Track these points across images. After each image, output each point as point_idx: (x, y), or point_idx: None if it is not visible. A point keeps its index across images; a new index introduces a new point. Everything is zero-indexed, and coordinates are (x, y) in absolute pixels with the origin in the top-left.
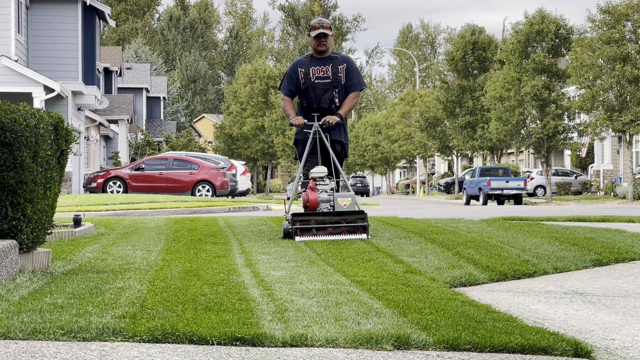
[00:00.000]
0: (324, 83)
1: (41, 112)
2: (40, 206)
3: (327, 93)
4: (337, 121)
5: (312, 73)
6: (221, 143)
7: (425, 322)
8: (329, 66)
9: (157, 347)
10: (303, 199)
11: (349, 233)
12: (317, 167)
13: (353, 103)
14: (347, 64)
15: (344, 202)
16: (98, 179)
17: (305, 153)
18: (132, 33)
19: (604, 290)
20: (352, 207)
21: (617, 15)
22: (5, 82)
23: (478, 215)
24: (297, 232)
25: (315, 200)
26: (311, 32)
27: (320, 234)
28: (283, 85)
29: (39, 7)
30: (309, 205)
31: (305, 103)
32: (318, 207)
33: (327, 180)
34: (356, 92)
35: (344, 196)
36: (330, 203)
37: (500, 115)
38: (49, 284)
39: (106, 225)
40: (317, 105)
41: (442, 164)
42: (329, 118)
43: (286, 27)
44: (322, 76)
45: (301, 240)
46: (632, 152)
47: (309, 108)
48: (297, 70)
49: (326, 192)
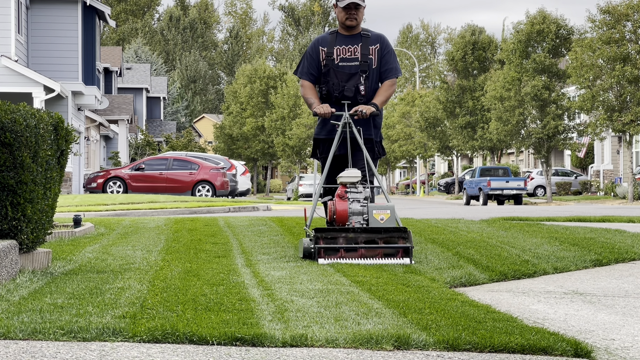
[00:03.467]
0: (350, 66)
1: (41, 112)
2: (40, 206)
3: (352, 79)
4: (373, 112)
5: (335, 53)
6: (221, 143)
7: (425, 322)
8: (358, 46)
9: (157, 347)
10: (329, 210)
11: (387, 256)
12: (348, 170)
13: (390, 92)
14: (380, 44)
15: (381, 216)
16: (98, 179)
17: (333, 150)
18: (132, 33)
19: (604, 290)
20: (391, 222)
21: (617, 16)
22: (5, 82)
23: (478, 215)
24: (320, 253)
25: (345, 212)
26: (339, 2)
27: (350, 256)
28: (301, 68)
29: (39, 7)
30: (336, 218)
31: (325, 90)
32: (348, 221)
33: (360, 187)
34: (393, 80)
35: (382, 208)
36: (363, 216)
37: (500, 115)
38: (49, 284)
39: (106, 225)
40: (339, 94)
41: (442, 164)
42: (363, 107)
43: (286, 27)
44: (348, 57)
45: (326, 263)
46: (632, 152)
47: (328, 97)
48: (318, 49)
49: (359, 202)
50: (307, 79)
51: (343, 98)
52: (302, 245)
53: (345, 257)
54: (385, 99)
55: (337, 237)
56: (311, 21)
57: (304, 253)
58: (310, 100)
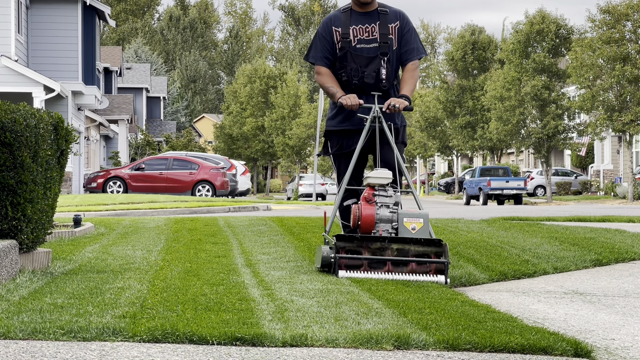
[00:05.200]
0: (369, 49)
1: (41, 112)
2: (40, 206)
3: (372, 63)
4: (406, 106)
5: (352, 34)
6: (221, 143)
7: (425, 322)
8: (376, 24)
9: (157, 347)
10: (353, 215)
11: (419, 273)
12: (377, 170)
13: (415, 78)
14: (400, 22)
15: (413, 225)
16: (98, 179)
17: (360, 144)
18: (132, 33)
19: (604, 290)
20: (424, 232)
21: (617, 15)
22: (5, 82)
23: (478, 215)
24: (341, 265)
25: (372, 217)
26: None
27: (376, 270)
28: (313, 52)
29: (39, 7)
30: (360, 225)
31: (345, 77)
32: (374, 229)
33: (389, 191)
34: (415, 62)
35: (414, 216)
36: (393, 224)
37: (501, 115)
38: (49, 284)
39: (106, 225)
40: (358, 81)
41: (442, 164)
42: (396, 101)
43: (286, 27)
44: (366, 39)
45: (347, 277)
46: (632, 152)
47: (347, 85)
48: (331, 29)
49: (388, 208)
50: (323, 64)
51: (364, 85)
52: (321, 253)
53: (370, 270)
54: (413, 87)
55: (361, 246)
56: (311, 21)
57: (322, 262)
58: (331, 89)
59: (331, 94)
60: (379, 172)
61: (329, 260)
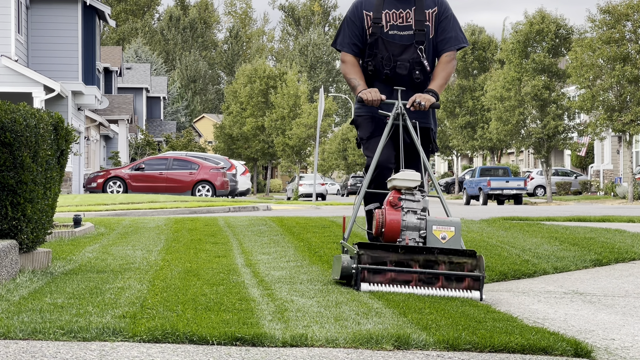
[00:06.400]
0: (402, 36)
1: (41, 112)
2: (40, 206)
3: (406, 52)
4: (433, 103)
5: (384, 19)
6: (221, 143)
7: (425, 322)
8: (411, 10)
9: (157, 347)
10: (376, 221)
11: (450, 288)
12: (404, 172)
13: (449, 71)
14: (438, 7)
15: (443, 234)
16: (98, 179)
17: (381, 145)
18: (132, 33)
19: (604, 290)
20: (456, 242)
21: (617, 15)
22: (5, 82)
23: (478, 215)
24: (364, 276)
25: (397, 224)
26: None
27: (402, 283)
28: (341, 39)
29: (39, 7)
30: (384, 232)
31: (371, 67)
32: (400, 237)
33: (417, 195)
34: (451, 53)
35: (444, 224)
36: (420, 232)
37: (500, 115)
38: (49, 284)
39: (106, 225)
40: (390, 71)
41: (442, 164)
42: (421, 98)
43: (286, 27)
44: (400, 25)
45: (369, 290)
46: (632, 152)
47: (376, 75)
48: (361, 14)
49: (415, 214)
50: (350, 52)
51: (395, 76)
52: (341, 264)
53: (395, 283)
54: (445, 81)
55: (386, 257)
56: (311, 21)
57: (341, 273)
58: (353, 81)
59: (352, 86)
60: (406, 174)
61: (350, 272)
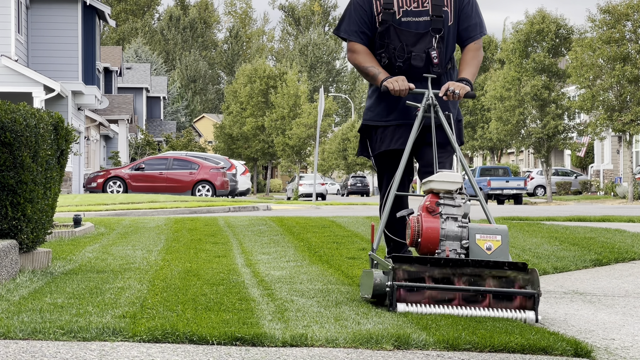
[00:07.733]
0: (418, 23)
1: (41, 112)
2: (40, 206)
3: (422, 41)
4: (467, 92)
5: (396, 4)
6: (221, 143)
7: (425, 322)
8: None
9: (157, 347)
10: (411, 230)
11: (499, 308)
12: (442, 173)
13: (478, 61)
14: None
15: (488, 244)
16: (98, 179)
17: (411, 140)
18: (132, 33)
19: (604, 290)
20: (503, 253)
21: (617, 15)
22: (5, 82)
23: (478, 215)
24: (399, 295)
25: (436, 233)
26: None
27: (443, 303)
28: (346, 25)
29: (39, 7)
30: (421, 243)
31: (385, 59)
32: (439, 248)
33: (458, 199)
34: (478, 42)
35: (489, 232)
36: (462, 242)
37: (501, 115)
38: (49, 283)
39: (106, 225)
40: (403, 63)
41: None
42: (454, 85)
43: (286, 27)
44: (414, 10)
45: (407, 311)
46: (632, 152)
47: (388, 68)
48: None
49: (456, 221)
50: (359, 41)
51: (410, 69)
52: (372, 280)
53: (436, 303)
54: (476, 70)
55: (424, 273)
56: (311, 21)
57: (373, 291)
58: (372, 69)
59: (372, 75)
60: (445, 175)
61: (384, 290)
